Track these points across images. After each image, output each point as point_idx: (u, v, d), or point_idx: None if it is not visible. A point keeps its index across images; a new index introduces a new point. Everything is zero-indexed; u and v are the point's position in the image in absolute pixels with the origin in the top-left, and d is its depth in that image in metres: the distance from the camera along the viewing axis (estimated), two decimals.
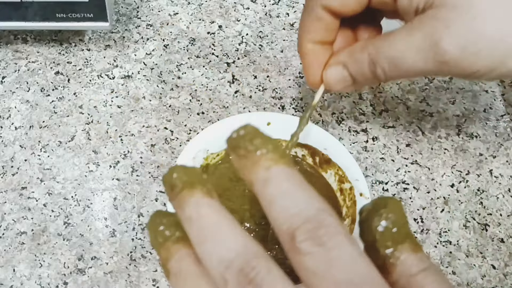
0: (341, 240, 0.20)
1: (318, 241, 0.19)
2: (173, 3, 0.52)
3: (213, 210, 0.22)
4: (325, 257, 0.19)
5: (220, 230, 0.21)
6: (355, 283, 0.19)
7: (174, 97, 0.46)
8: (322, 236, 0.19)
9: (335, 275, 0.19)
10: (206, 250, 0.21)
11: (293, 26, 0.51)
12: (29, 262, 0.38)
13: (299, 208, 0.20)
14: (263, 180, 0.21)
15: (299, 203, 0.21)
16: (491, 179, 0.43)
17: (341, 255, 0.19)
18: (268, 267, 0.20)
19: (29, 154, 0.42)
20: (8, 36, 0.49)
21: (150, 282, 0.37)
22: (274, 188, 0.21)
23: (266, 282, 0.20)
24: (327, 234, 0.20)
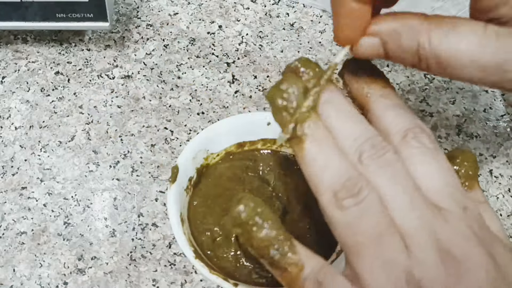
0: (438, 147, 0.26)
1: (423, 141, 0.26)
2: (173, 3, 0.52)
3: (347, 100, 0.27)
4: (427, 152, 0.26)
5: (356, 114, 0.26)
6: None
7: (174, 97, 0.46)
8: (427, 138, 0.26)
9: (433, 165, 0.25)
10: (345, 126, 0.26)
11: (293, 26, 0.51)
12: (29, 262, 0.38)
13: (411, 118, 0.27)
14: (381, 94, 0.28)
15: (410, 114, 0.27)
16: (491, 179, 0.43)
17: (438, 154, 0.26)
18: (393, 149, 0.25)
19: (29, 154, 0.42)
20: (8, 36, 0.49)
21: (150, 282, 0.37)
22: (391, 99, 0.28)
23: (394, 160, 0.25)
24: (430, 138, 0.26)
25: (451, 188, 0.25)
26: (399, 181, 0.24)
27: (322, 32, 0.51)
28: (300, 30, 0.51)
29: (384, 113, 0.27)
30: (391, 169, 0.24)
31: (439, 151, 0.26)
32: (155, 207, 0.40)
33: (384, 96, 0.28)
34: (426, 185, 0.25)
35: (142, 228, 0.40)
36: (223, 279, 0.30)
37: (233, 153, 0.38)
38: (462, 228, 0.24)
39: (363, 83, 0.28)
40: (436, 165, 0.25)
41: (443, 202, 0.24)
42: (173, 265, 0.38)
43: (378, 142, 0.25)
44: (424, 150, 0.25)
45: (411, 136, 0.26)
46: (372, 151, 0.25)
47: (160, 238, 0.39)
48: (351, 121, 0.26)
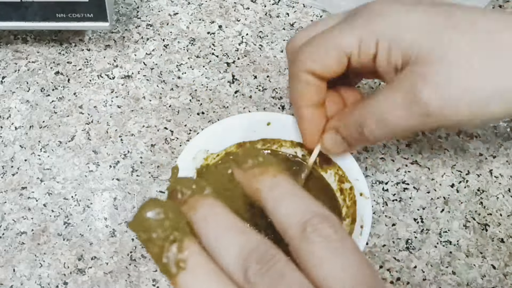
0: (344, 235, 0.23)
1: (325, 233, 0.23)
2: (173, 3, 0.52)
3: (225, 211, 0.25)
4: (331, 246, 0.23)
5: (236, 226, 0.24)
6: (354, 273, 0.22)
7: (174, 97, 0.46)
8: (329, 228, 0.23)
9: (338, 263, 0.22)
10: (223, 244, 0.23)
11: (293, 26, 0.51)
12: (29, 262, 0.38)
13: (307, 205, 0.24)
14: (270, 185, 0.25)
15: (305, 201, 0.24)
16: (491, 179, 0.43)
17: (343, 247, 0.23)
18: (284, 257, 0.23)
19: (29, 154, 0.42)
20: (8, 36, 0.49)
21: (150, 282, 0.37)
22: (282, 189, 0.25)
23: (286, 271, 0.22)
24: (334, 227, 0.23)
25: (360, 286, 0.22)
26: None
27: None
28: (300, 30, 0.51)
29: (276, 208, 0.24)
30: (282, 283, 0.22)
31: (346, 241, 0.23)
32: None
33: (274, 187, 0.25)
34: (330, 285, 0.22)
35: None
36: None
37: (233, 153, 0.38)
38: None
39: (252, 178, 0.26)
40: (342, 261, 0.22)
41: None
42: None
43: (264, 252, 0.22)
44: (325, 245, 0.22)
45: (309, 230, 0.23)
46: (257, 266, 0.22)
47: None
48: (230, 235, 0.23)
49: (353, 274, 0.22)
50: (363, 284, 0.22)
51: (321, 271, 0.22)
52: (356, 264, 0.22)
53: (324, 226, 0.23)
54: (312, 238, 0.22)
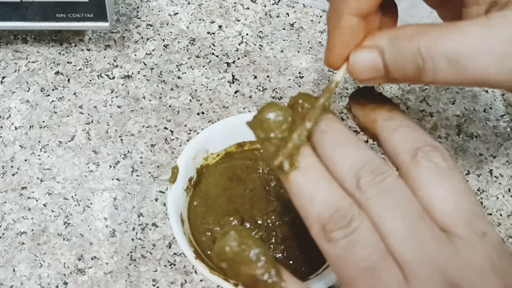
0: (453, 165, 0.24)
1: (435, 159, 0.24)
2: (173, 3, 0.52)
3: (344, 127, 0.26)
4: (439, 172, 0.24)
5: (353, 139, 0.25)
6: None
7: (174, 97, 0.46)
8: (439, 156, 0.24)
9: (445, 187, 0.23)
10: (339, 155, 0.24)
11: (293, 26, 0.51)
12: (29, 262, 0.38)
13: (421, 135, 0.25)
14: (387, 117, 0.26)
15: (419, 132, 0.26)
16: (491, 179, 0.43)
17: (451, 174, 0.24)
18: (395, 173, 0.23)
19: (29, 154, 0.42)
20: (8, 36, 0.49)
21: (150, 282, 0.37)
22: (397, 121, 0.26)
23: (396, 185, 0.23)
24: (443, 156, 0.24)
25: (466, 212, 0.23)
26: (399, 208, 0.23)
27: (322, 32, 0.51)
28: (300, 30, 0.51)
29: (391, 136, 0.25)
30: (390, 196, 0.23)
31: (454, 171, 0.24)
32: (155, 207, 0.40)
33: (390, 119, 0.26)
34: (437, 209, 0.23)
35: (142, 228, 0.40)
36: (223, 279, 0.30)
37: (233, 153, 0.38)
38: (476, 258, 0.22)
39: (369, 110, 0.27)
40: (449, 186, 0.23)
41: (456, 228, 0.22)
42: (173, 265, 0.38)
43: (378, 167, 0.23)
44: (435, 170, 0.23)
45: (421, 155, 0.24)
46: (370, 176, 0.23)
47: (160, 238, 0.39)
48: (348, 147, 0.25)
49: (459, 199, 0.23)
50: (468, 210, 0.23)
51: (428, 192, 0.23)
52: (462, 190, 0.23)
53: (435, 154, 0.24)
54: (422, 163, 0.23)
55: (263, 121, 0.25)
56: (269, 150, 0.25)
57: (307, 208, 0.24)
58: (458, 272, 0.21)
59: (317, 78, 0.48)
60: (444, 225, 0.22)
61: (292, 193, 0.24)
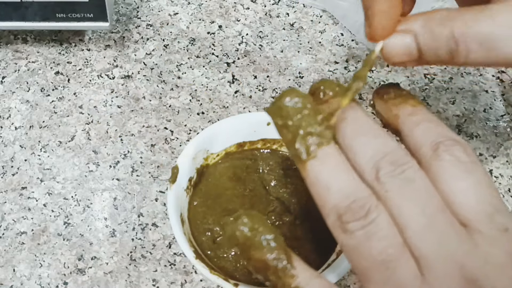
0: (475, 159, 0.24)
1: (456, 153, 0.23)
2: (173, 3, 0.52)
3: (366, 115, 0.25)
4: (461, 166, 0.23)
5: (375, 129, 0.24)
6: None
7: (174, 97, 0.46)
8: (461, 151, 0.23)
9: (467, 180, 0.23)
10: (360, 143, 0.24)
11: (293, 26, 0.51)
12: (29, 262, 0.38)
13: (443, 130, 0.25)
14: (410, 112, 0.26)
15: (442, 127, 0.25)
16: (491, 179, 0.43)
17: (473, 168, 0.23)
18: (417, 165, 0.23)
19: (29, 154, 0.42)
20: (8, 36, 0.49)
21: (150, 282, 0.37)
22: (420, 116, 0.26)
23: (417, 177, 0.23)
24: (466, 151, 0.24)
25: (488, 206, 0.22)
26: (419, 200, 0.22)
27: (322, 32, 0.51)
28: (300, 30, 0.51)
29: (413, 130, 0.25)
30: (411, 188, 0.22)
31: (476, 165, 0.23)
32: (155, 207, 0.40)
33: (413, 114, 0.26)
34: (458, 203, 0.22)
35: (142, 228, 0.40)
36: (223, 279, 0.30)
37: (233, 153, 0.38)
38: (496, 254, 0.21)
39: (392, 106, 0.27)
40: (471, 180, 0.23)
41: (477, 223, 0.22)
42: (173, 265, 0.38)
43: (399, 158, 0.23)
44: (457, 164, 0.23)
45: (442, 149, 0.23)
46: (390, 167, 0.23)
47: (160, 238, 0.39)
48: (369, 137, 0.24)
49: (481, 193, 0.22)
50: (490, 204, 0.22)
51: (449, 186, 0.23)
52: (485, 184, 0.23)
53: (457, 148, 0.23)
54: (444, 156, 0.23)
55: (282, 107, 0.25)
56: (287, 137, 0.24)
57: (324, 197, 0.23)
58: (476, 267, 0.21)
59: (317, 78, 0.48)
60: (465, 219, 0.22)
61: (308, 182, 0.24)
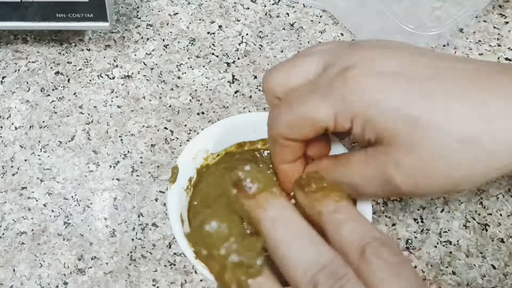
0: (403, 259, 0.24)
1: (384, 255, 0.24)
2: (173, 3, 0.52)
3: (296, 216, 0.25)
4: (390, 268, 0.24)
5: (307, 235, 0.24)
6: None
7: (174, 97, 0.46)
8: (388, 251, 0.24)
9: (397, 284, 0.23)
10: (292, 254, 0.23)
11: (293, 26, 0.51)
12: (29, 262, 0.38)
13: (368, 229, 0.25)
14: (333, 209, 0.26)
15: (366, 226, 0.26)
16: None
17: (402, 269, 0.24)
18: (355, 277, 0.23)
19: (29, 154, 0.42)
20: (8, 36, 0.49)
21: (150, 282, 0.37)
22: (344, 214, 0.26)
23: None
24: (393, 251, 0.24)
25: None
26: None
27: (322, 32, 0.51)
28: (300, 30, 0.51)
29: (338, 231, 0.26)
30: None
31: (404, 265, 0.24)
32: (155, 207, 0.40)
33: (336, 211, 0.26)
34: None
35: (142, 228, 0.40)
36: None
37: (233, 153, 0.38)
38: None
39: (315, 201, 0.27)
40: (402, 283, 0.23)
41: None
42: (173, 265, 0.38)
43: (335, 270, 0.23)
44: (385, 267, 0.23)
45: (369, 251, 0.24)
46: (329, 282, 0.23)
47: (160, 238, 0.39)
48: (300, 244, 0.24)
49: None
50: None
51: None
52: (415, 286, 0.23)
53: (384, 250, 0.24)
54: (371, 259, 0.23)
55: (205, 235, 0.24)
56: (215, 269, 0.24)
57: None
58: None
59: None
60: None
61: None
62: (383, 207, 0.41)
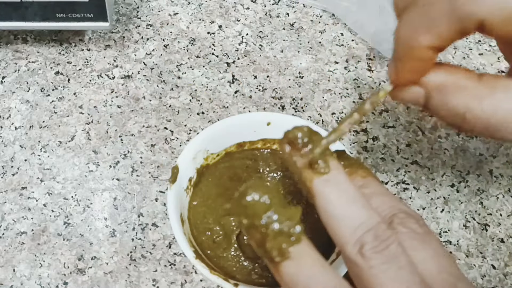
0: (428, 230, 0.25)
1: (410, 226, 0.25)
2: (173, 3, 0.52)
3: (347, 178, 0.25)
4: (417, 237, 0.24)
5: (359, 197, 0.24)
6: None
7: (174, 97, 0.46)
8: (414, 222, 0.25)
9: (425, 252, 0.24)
10: (346, 210, 0.24)
11: (293, 26, 0.51)
12: (29, 262, 0.38)
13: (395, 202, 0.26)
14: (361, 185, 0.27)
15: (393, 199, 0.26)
16: (491, 179, 0.43)
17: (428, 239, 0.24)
18: (396, 240, 0.23)
19: (29, 154, 0.42)
20: (8, 36, 0.49)
21: (150, 282, 0.37)
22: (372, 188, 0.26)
23: (399, 253, 0.23)
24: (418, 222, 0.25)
25: (448, 276, 0.24)
26: (404, 278, 0.23)
27: (322, 32, 0.51)
28: (300, 30, 0.51)
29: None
30: (396, 265, 0.23)
31: (430, 235, 0.25)
32: (155, 207, 0.40)
33: (364, 186, 0.27)
34: (420, 272, 0.23)
35: (142, 228, 0.40)
36: (223, 279, 0.30)
37: (233, 153, 0.38)
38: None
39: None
40: (429, 250, 0.24)
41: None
42: (173, 265, 0.38)
43: (382, 232, 0.23)
44: (413, 235, 0.24)
45: (397, 221, 0.25)
46: (374, 242, 0.23)
47: (160, 238, 0.39)
48: (352, 206, 0.24)
49: (440, 263, 0.24)
50: (451, 274, 0.23)
51: (412, 257, 0.23)
52: (442, 254, 0.24)
53: (410, 220, 0.24)
54: (400, 229, 0.24)
55: (247, 205, 0.24)
56: (255, 237, 0.24)
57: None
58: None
59: (317, 78, 0.48)
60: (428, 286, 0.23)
61: (284, 284, 0.24)
62: None
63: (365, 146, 0.44)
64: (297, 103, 0.46)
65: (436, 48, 0.27)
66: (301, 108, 0.46)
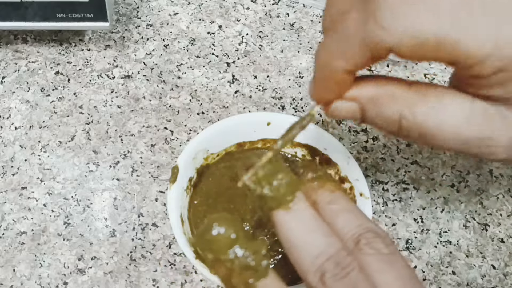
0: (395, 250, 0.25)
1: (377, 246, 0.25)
2: (173, 3, 0.52)
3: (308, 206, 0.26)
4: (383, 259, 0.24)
5: (319, 225, 0.25)
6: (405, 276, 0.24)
7: (174, 97, 0.46)
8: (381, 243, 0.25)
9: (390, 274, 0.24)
10: (306, 240, 0.25)
11: (293, 26, 0.51)
12: (29, 262, 0.38)
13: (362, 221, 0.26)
14: (328, 200, 0.27)
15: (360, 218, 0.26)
16: (491, 179, 0.43)
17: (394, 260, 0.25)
18: (358, 267, 0.24)
19: (29, 154, 0.42)
20: (8, 36, 0.49)
21: (150, 282, 0.37)
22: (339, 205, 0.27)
23: (359, 279, 0.23)
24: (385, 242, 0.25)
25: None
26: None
27: (322, 32, 0.51)
28: (300, 30, 0.51)
29: (333, 221, 0.26)
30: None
31: (395, 255, 0.25)
32: (155, 207, 0.40)
33: (332, 202, 0.27)
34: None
35: (142, 228, 0.40)
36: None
37: (233, 153, 0.38)
38: None
39: (311, 190, 0.28)
40: (394, 273, 0.24)
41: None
42: (173, 265, 0.38)
43: (342, 259, 0.24)
44: (379, 258, 0.24)
45: (363, 242, 0.25)
46: (335, 270, 0.24)
47: (160, 238, 0.39)
48: (312, 234, 0.25)
49: (405, 285, 0.24)
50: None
51: (376, 279, 0.24)
52: (406, 276, 0.24)
53: (376, 240, 0.25)
54: (365, 250, 0.24)
55: (211, 240, 0.24)
56: (221, 272, 0.24)
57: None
58: None
59: None
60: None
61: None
62: (383, 207, 0.41)
63: (365, 146, 0.44)
64: (297, 103, 0.46)
65: (351, 71, 0.28)
66: (301, 108, 0.46)
